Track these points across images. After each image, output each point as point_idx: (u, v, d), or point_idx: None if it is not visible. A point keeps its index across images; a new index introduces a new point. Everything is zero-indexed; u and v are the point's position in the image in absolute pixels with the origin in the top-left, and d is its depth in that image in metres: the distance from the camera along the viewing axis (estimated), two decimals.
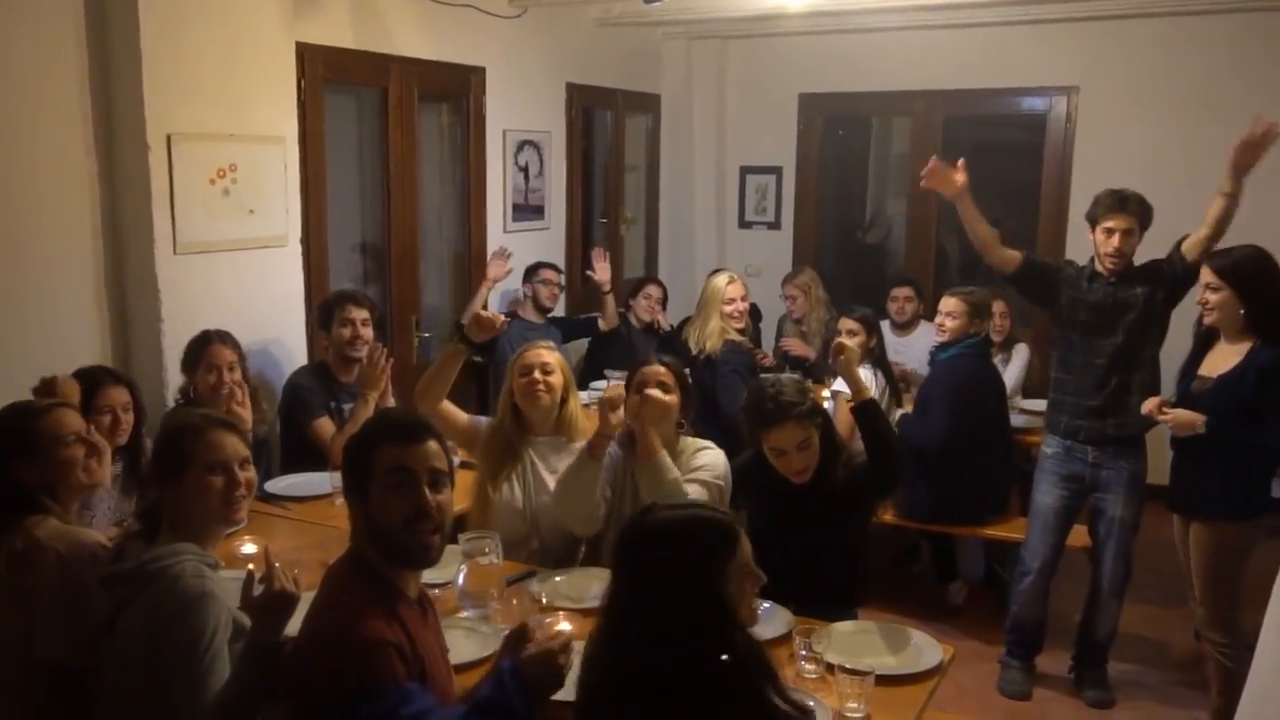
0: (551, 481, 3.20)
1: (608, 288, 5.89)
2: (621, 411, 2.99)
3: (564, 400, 3.33)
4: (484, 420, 3.50)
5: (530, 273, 5.66)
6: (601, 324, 5.90)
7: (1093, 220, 3.76)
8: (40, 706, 2.26)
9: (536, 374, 3.26)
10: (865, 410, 2.99)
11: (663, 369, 3.08)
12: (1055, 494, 3.89)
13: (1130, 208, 3.69)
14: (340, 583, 1.98)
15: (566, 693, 1.96)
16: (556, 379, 3.30)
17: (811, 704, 2.04)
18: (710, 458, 3.06)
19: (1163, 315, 3.73)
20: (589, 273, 5.95)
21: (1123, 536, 3.83)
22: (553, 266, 5.71)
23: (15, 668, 2.26)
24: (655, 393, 3.03)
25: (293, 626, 2.04)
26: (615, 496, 3.11)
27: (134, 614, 2.06)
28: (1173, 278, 3.70)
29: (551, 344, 3.48)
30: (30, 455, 2.42)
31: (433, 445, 2.03)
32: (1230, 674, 3.41)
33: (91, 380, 3.21)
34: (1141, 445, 3.81)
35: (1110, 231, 3.69)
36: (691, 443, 3.14)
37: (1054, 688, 4.04)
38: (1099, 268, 3.76)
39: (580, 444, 3.13)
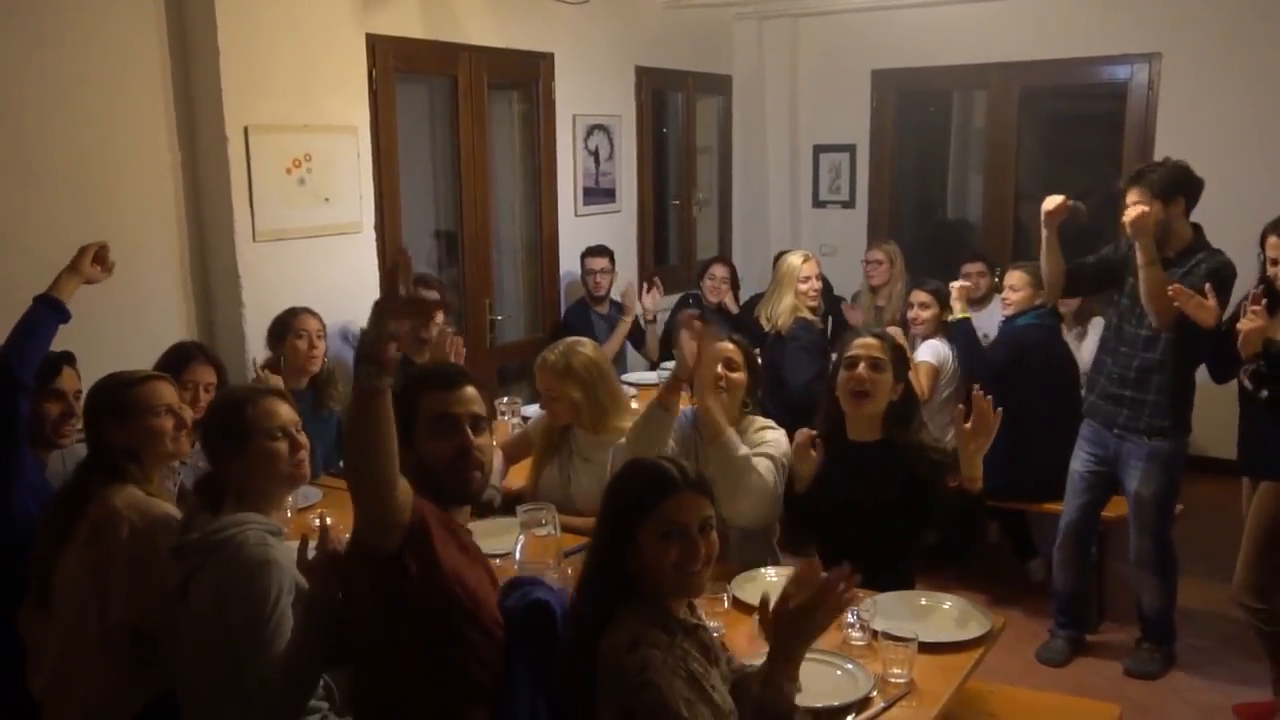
0: (584, 469, 3.27)
1: (650, 318, 5.76)
2: (692, 346, 2.91)
3: (595, 400, 3.32)
4: (529, 427, 3.64)
5: (581, 260, 5.69)
6: (642, 353, 5.85)
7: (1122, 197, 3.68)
8: (119, 665, 2.39)
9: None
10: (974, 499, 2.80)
11: (732, 346, 3.09)
12: (1081, 458, 3.91)
13: (1145, 180, 3.57)
14: None
15: None
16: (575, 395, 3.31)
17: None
18: (774, 435, 3.07)
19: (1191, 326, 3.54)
20: (641, 290, 5.84)
21: (1143, 513, 3.77)
22: (599, 253, 5.65)
23: (95, 630, 2.39)
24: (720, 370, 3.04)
25: None
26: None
27: (203, 582, 2.16)
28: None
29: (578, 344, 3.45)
30: (121, 420, 2.55)
31: (470, 390, 2.14)
32: (1272, 639, 3.40)
33: (184, 354, 3.40)
34: (1172, 429, 3.72)
35: (1127, 206, 3.60)
36: (754, 421, 3.13)
37: (1105, 656, 4.04)
38: None
39: (613, 434, 3.22)
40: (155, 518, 2.42)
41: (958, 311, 4.49)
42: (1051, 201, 3.73)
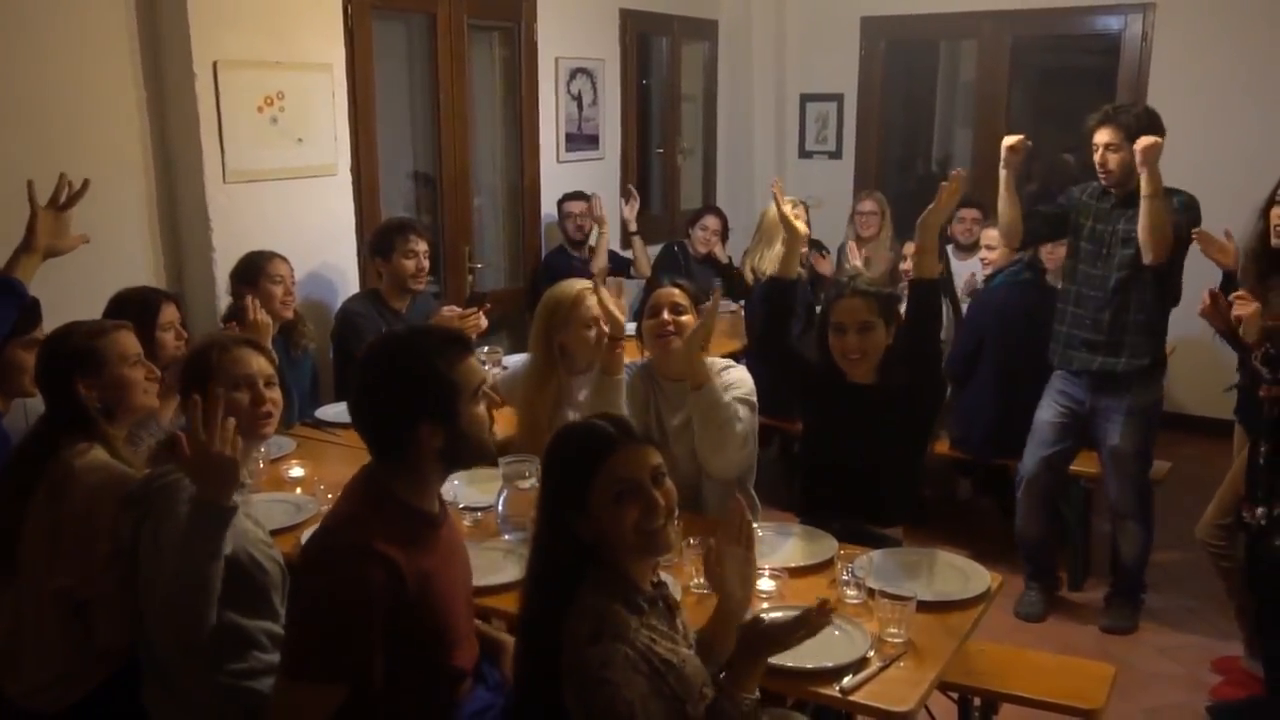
0: (572, 415, 3.16)
1: (634, 227, 5.70)
2: (616, 312, 2.91)
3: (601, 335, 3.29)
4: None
5: (557, 207, 5.57)
6: (632, 271, 5.76)
7: (1090, 138, 3.67)
8: (70, 635, 2.28)
9: (604, 327, 3.19)
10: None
11: (677, 290, 3.00)
12: (1052, 409, 3.88)
13: (1118, 120, 3.57)
14: (354, 505, 1.94)
15: None
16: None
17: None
18: (737, 374, 3.00)
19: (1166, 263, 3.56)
20: (621, 201, 5.77)
21: (1123, 467, 3.78)
22: (578, 196, 5.53)
23: (46, 596, 2.28)
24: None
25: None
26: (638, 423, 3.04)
27: (148, 531, 2.07)
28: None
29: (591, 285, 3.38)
30: (94, 373, 2.41)
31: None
32: (1229, 573, 3.43)
33: (148, 300, 3.21)
34: (1148, 378, 3.71)
35: (1096, 146, 3.61)
36: (715, 362, 3.05)
37: (1089, 614, 4.03)
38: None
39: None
40: (115, 483, 2.28)
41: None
42: (1012, 138, 3.75)
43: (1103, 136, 3.58)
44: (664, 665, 1.78)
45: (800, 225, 3.04)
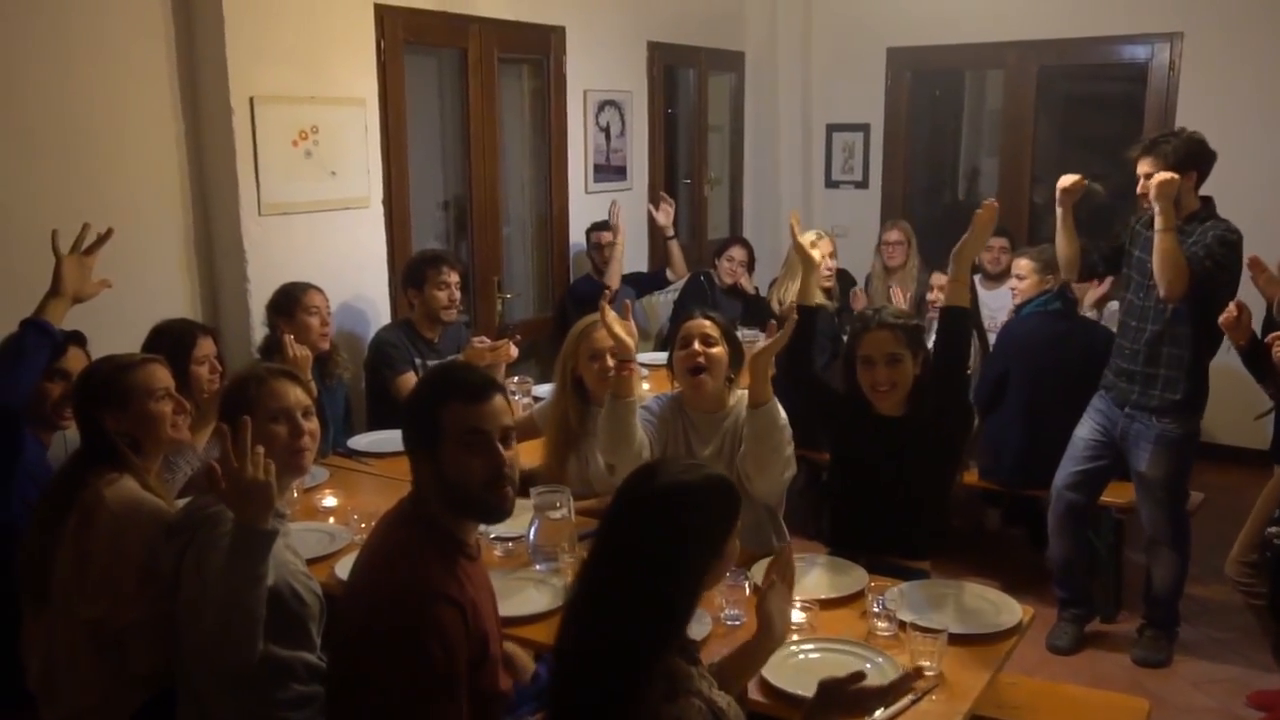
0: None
1: (670, 233, 5.79)
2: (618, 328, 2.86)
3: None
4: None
5: (585, 236, 5.62)
6: (670, 274, 5.83)
7: (1133, 167, 3.65)
8: (103, 664, 2.31)
9: (608, 360, 3.20)
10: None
11: (708, 322, 3.01)
12: (1089, 426, 3.86)
13: (1157, 149, 3.52)
14: (400, 534, 1.97)
15: None
16: None
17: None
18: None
19: (1204, 294, 3.48)
20: (650, 207, 5.81)
21: (1152, 495, 3.74)
22: (607, 226, 5.55)
23: (78, 625, 2.30)
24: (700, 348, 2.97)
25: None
26: (664, 454, 3.03)
27: (190, 560, 2.10)
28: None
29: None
30: (120, 407, 2.45)
31: (500, 401, 2.02)
32: (1258, 610, 3.39)
33: (186, 332, 3.26)
34: (1182, 410, 3.64)
35: (1139, 176, 3.58)
36: (744, 394, 3.04)
37: (1122, 647, 3.97)
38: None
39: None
40: (143, 512, 2.32)
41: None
42: (1068, 179, 3.75)
43: (1144, 166, 3.55)
44: (719, 713, 1.76)
45: (815, 254, 3.12)
